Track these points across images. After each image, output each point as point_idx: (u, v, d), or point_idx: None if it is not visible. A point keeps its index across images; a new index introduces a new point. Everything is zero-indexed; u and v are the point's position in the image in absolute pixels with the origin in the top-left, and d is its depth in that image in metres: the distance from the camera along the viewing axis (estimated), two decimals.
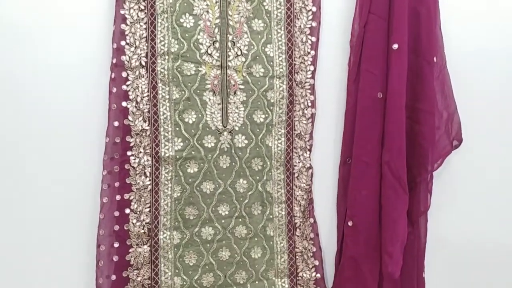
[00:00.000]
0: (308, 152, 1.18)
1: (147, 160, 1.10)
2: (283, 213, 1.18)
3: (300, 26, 1.14)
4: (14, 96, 1.06)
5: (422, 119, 1.11)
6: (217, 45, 1.09)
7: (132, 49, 1.06)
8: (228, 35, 1.10)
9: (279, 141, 1.16)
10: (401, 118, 1.08)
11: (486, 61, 1.22)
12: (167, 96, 1.08)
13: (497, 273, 1.30)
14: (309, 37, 1.15)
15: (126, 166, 1.09)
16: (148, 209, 1.10)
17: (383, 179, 1.10)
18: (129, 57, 1.06)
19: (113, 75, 1.06)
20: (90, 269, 1.10)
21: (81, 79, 1.08)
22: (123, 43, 1.06)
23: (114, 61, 1.06)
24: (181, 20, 1.07)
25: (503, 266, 1.30)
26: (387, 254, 1.09)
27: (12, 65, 1.06)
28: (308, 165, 1.19)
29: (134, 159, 1.09)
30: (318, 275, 1.20)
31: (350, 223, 1.14)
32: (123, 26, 1.05)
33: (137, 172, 1.09)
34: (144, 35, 1.07)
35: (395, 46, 1.07)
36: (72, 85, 1.08)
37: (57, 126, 1.09)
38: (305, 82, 1.16)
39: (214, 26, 1.09)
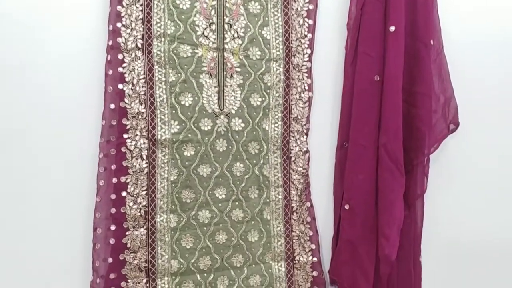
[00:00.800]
0: (305, 136, 1.18)
1: (144, 143, 1.09)
2: (280, 197, 1.18)
3: (297, 8, 1.13)
4: (8, 79, 1.06)
5: (419, 102, 1.11)
6: (213, 27, 1.09)
7: (128, 31, 1.06)
8: (225, 17, 1.09)
9: (276, 125, 1.16)
10: (398, 100, 1.08)
11: (483, 47, 1.22)
12: (164, 79, 1.08)
13: (493, 257, 1.30)
14: (306, 19, 1.14)
15: (123, 149, 1.08)
16: (144, 192, 1.10)
17: (380, 162, 1.10)
18: (125, 39, 1.06)
19: (109, 57, 1.06)
20: (87, 253, 1.10)
21: (77, 61, 1.08)
22: (119, 25, 1.05)
23: (110, 43, 1.05)
24: (177, 2, 1.06)
25: (499, 250, 1.30)
26: (384, 237, 1.09)
27: (7, 49, 1.05)
28: (305, 149, 1.19)
29: (131, 142, 1.09)
30: (315, 258, 1.20)
31: (346, 207, 1.15)
32: (119, 7, 1.05)
33: (134, 155, 1.09)
34: (140, 17, 1.06)
35: (392, 28, 1.07)
36: (68, 67, 1.08)
37: (52, 109, 1.08)
38: (302, 65, 1.15)
39: (210, 8, 1.08)
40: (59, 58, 1.07)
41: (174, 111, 1.09)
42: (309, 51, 1.15)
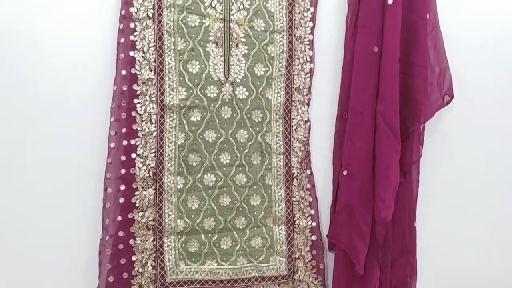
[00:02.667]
0: (306, 106, 1.24)
1: (153, 107, 1.15)
2: (281, 163, 1.24)
3: None
4: (24, 44, 1.13)
5: (415, 72, 1.16)
6: None
7: (140, 1, 1.12)
8: None
9: (279, 94, 1.22)
10: (395, 70, 1.13)
11: (478, 21, 1.28)
12: (172, 47, 1.14)
13: (488, 221, 1.35)
14: None
15: (133, 113, 1.14)
16: (153, 155, 1.16)
17: (377, 129, 1.15)
18: (137, 8, 1.12)
19: (121, 26, 1.12)
20: (97, 212, 1.16)
21: (91, 29, 1.14)
22: None
23: (123, 12, 1.12)
24: None
25: (494, 215, 1.35)
26: (380, 199, 1.14)
27: (18, 16, 1.12)
28: (306, 119, 1.24)
29: (141, 107, 1.15)
30: (314, 223, 1.26)
31: (344, 173, 1.20)
32: None
33: (143, 119, 1.15)
34: None
35: (390, 1, 1.12)
36: (82, 35, 1.14)
37: (67, 75, 1.15)
38: (304, 38, 1.21)
39: None
40: (75, 27, 1.13)
41: (181, 78, 1.15)
42: (311, 24, 1.21)
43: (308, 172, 1.26)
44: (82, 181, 1.17)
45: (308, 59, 1.22)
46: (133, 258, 1.16)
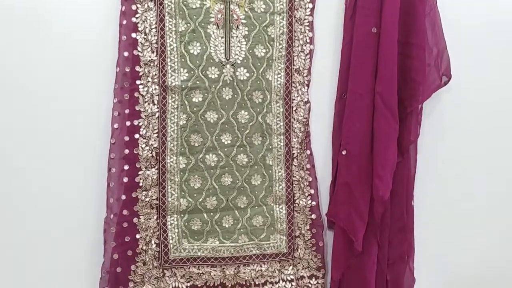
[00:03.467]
0: (306, 87, 1.26)
1: (155, 89, 1.17)
2: (282, 144, 1.26)
3: None
4: (25, 27, 1.14)
5: (413, 52, 1.18)
6: None
7: None
8: None
9: (279, 76, 1.24)
10: (393, 50, 1.15)
11: (476, 2, 1.29)
12: (174, 28, 1.15)
13: (486, 199, 1.38)
14: None
15: (136, 94, 1.16)
16: (156, 135, 1.18)
17: (376, 109, 1.17)
18: None
19: (123, 8, 1.13)
20: (101, 191, 1.19)
21: (93, 11, 1.15)
22: None
23: None
24: None
25: (491, 193, 1.38)
26: (378, 178, 1.17)
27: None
28: (306, 99, 1.26)
29: (143, 88, 1.17)
30: (314, 202, 1.28)
31: (344, 152, 1.22)
32: None
33: (146, 100, 1.17)
34: None
35: None
36: (85, 18, 1.15)
37: (71, 58, 1.16)
38: (304, 19, 1.22)
39: None
40: (76, 9, 1.15)
41: (183, 59, 1.16)
42: (311, 5, 1.22)
43: (308, 152, 1.28)
44: (86, 161, 1.20)
45: (308, 41, 1.23)
46: (137, 236, 1.19)
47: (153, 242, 1.20)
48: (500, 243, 1.41)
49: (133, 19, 1.14)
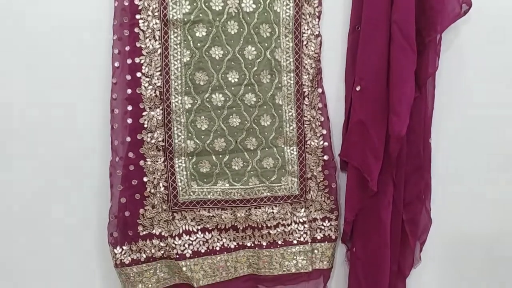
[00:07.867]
0: (317, 19, 1.17)
1: (156, 23, 1.10)
2: (292, 82, 1.20)
3: None
4: None
5: None
6: None
7: None
8: None
9: (287, 7, 1.15)
10: None
11: None
12: None
13: (504, 136, 1.31)
14: None
15: (136, 30, 1.10)
16: (159, 73, 1.12)
17: (392, 39, 1.09)
18: None
19: None
20: (104, 134, 1.15)
21: None
22: None
23: None
24: None
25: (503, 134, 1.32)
26: (395, 114, 1.10)
27: None
28: (317, 33, 1.18)
29: (143, 23, 1.10)
30: (326, 143, 1.23)
31: (358, 88, 1.15)
32: None
33: (147, 35, 1.10)
34: None
35: None
36: None
37: None
38: None
39: None
40: None
41: None
42: None
43: (320, 90, 1.21)
44: (87, 104, 1.15)
45: None
46: (145, 179, 1.16)
47: (161, 185, 1.17)
48: None
49: None
